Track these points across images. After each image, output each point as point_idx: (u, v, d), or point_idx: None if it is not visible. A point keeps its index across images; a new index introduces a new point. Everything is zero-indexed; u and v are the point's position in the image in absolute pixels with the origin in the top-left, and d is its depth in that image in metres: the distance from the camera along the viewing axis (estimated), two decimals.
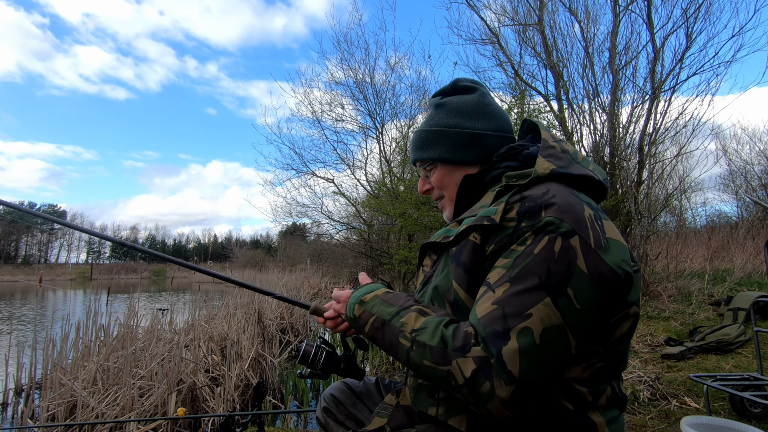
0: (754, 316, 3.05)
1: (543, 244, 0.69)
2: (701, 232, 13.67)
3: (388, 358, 5.55)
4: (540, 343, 0.65)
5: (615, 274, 0.70)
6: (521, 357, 0.64)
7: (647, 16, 7.27)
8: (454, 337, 0.71)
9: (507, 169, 0.91)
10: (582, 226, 0.70)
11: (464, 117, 0.99)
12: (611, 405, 0.75)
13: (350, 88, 13.87)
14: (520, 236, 0.72)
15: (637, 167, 7.32)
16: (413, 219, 9.13)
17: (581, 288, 0.67)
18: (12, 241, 74.90)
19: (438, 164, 1.01)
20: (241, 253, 55.35)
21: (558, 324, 0.66)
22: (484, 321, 0.69)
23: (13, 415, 4.25)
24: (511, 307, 0.67)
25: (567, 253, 0.68)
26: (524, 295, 0.67)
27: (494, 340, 0.66)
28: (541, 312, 0.66)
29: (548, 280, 0.67)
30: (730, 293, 5.80)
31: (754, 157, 14.36)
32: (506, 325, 0.66)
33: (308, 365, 1.10)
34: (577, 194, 0.77)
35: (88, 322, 4.80)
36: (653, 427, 2.61)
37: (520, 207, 0.75)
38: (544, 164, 0.81)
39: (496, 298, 0.69)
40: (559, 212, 0.71)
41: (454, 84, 1.04)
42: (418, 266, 1.00)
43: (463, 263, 0.80)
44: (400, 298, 0.86)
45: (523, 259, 0.70)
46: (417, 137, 1.03)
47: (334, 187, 14.75)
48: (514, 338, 0.65)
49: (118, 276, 53.46)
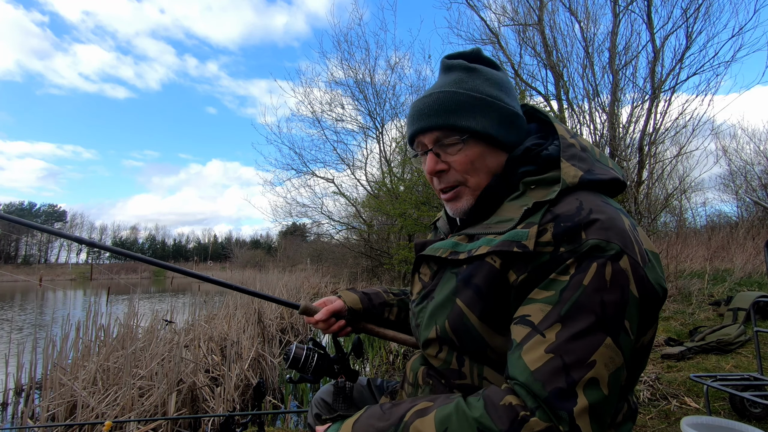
0: (754, 316, 3.05)
1: (592, 272, 0.60)
2: (701, 232, 13.65)
3: (388, 358, 5.54)
4: (608, 393, 0.57)
5: (656, 293, 0.64)
6: (592, 415, 0.56)
7: (647, 16, 7.28)
8: (493, 417, 0.58)
9: (524, 174, 0.78)
10: (628, 243, 0.62)
11: (504, 92, 0.82)
12: (626, 420, 0.72)
13: (350, 88, 13.94)
14: (560, 264, 0.63)
15: (637, 167, 7.32)
16: (413, 219, 9.13)
17: (633, 316, 0.61)
18: (12, 241, 74.88)
19: (470, 141, 0.79)
20: (241, 253, 55.28)
21: (620, 365, 0.59)
22: (542, 375, 0.58)
23: (13, 415, 4.24)
24: (571, 356, 0.57)
25: (620, 278, 0.60)
26: (583, 339, 0.58)
27: (560, 402, 0.56)
28: (605, 357, 0.58)
29: (605, 316, 0.59)
30: (730, 293, 5.79)
31: (754, 157, 14.39)
32: (570, 378, 0.56)
33: (299, 369, 1.04)
34: (609, 202, 0.70)
35: (88, 322, 4.80)
36: (653, 427, 2.61)
37: (554, 228, 0.65)
38: (570, 171, 0.71)
39: (549, 345, 0.59)
40: (602, 231, 0.62)
41: (478, 53, 0.86)
42: (413, 272, 0.90)
43: (476, 286, 0.71)
44: (375, 415, 0.70)
45: (571, 293, 0.60)
46: (447, 99, 0.79)
47: (334, 187, 14.79)
48: (582, 395, 0.56)
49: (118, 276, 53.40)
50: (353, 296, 1.14)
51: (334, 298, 1.13)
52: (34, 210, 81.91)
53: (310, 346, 1.07)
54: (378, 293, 1.18)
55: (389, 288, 1.23)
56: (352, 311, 1.11)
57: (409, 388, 0.87)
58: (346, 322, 1.11)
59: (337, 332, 1.10)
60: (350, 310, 1.11)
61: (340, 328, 1.10)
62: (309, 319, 1.08)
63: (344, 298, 1.13)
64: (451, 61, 0.86)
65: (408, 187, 10.65)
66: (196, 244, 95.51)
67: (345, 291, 1.17)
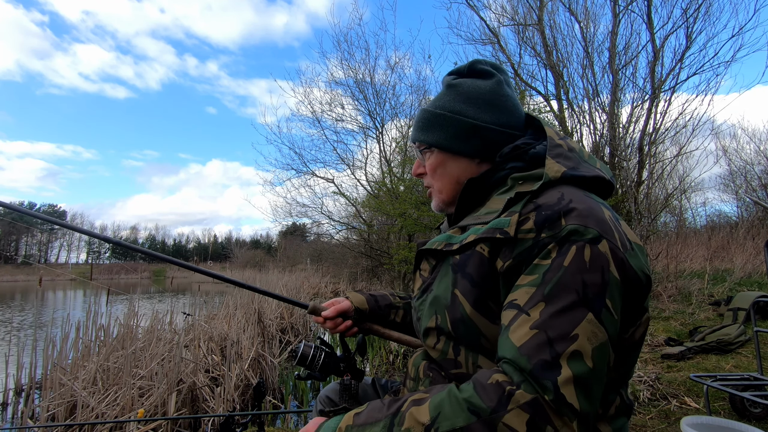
0: (754, 316, 3.05)
1: (572, 254, 0.64)
2: (701, 232, 13.67)
3: (388, 358, 5.55)
4: (592, 366, 0.59)
5: (638, 279, 0.67)
6: (577, 386, 0.58)
7: (647, 16, 7.29)
8: (482, 396, 0.61)
9: (512, 170, 0.84)
10: (607, 229, 0.66)
11: (472, 105, 0.90)
12: (619, 414, 0.73)
13: (350, 88, 13.92)
14: (542, 249, 0.66)
15: (637, 167, 7.33)
16: (413, 219, 9.13)
17: (616, 297, 0.64)
18: (12, 241, 74.92)
19: (434, 149, 0.93)
20: (241, 253, 55.35)
21: (604, 341, 0.61)
22: (527, 350, 0.61)
23: (13, 415, 4.25)
24: (554, 330, 0.60)
25: (599, 260, 0.63)
26: (566, 314, 0.61)
27: (545, 372, 0.58)
28: (587, 331, 0.60)
29: (586, 294, 0.62)
30: (730, 293, 5.80)
31: (754, 157, 14.39)
32: (554, 351, 0.59)
33: (306, 366, 1.08)
34: (592, 196, 0.74)
35: (88, 322, 4.80)
36: (653, 427, 2.61)
37: (536, 216, 0.69)
38: (554, 166, 0.76)
39: (534, 322, 0.62)
40: (580, 218, 0.66)
41: (472, 65, 0.94)
42: (414, 269, 0.95)
43: (470, 275, 0.75)
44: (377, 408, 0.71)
45: (553, 274, 0.64)
46: (420, 116, 0.96)
47: (334, 187, 14.79)
48: (566, 365, 0.58)
49: (118, 276, 53.45)
50: (360, 297, 1.18)
51: (342, 299, 1.16)
52: (34, 210, 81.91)
53: (318, 345, 1.10)
54: (385, 296, 1.22)
55: (396, 291, 1.27)
56: (359, 311, 1.15)
57: (410, 383, 0.89)
58: (353, 323, 1.15)
59: (343, 332, 1.14)
60: (357, 311, 1.15)
61: (346, 328, 1.14)
62: (317, 318, 1.12)
63: (351, 299, 1.16)
64: (445, 77, 0.98)
65: (408, 187, 10.65)
66: (196, 244, 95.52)
67: (352, 292, 1.20)
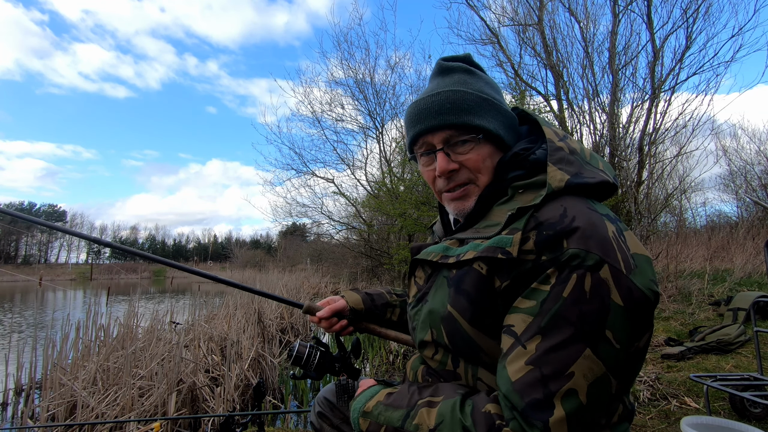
0: (754, 316, 3.05)
1: (572, 284, 0.61)
2: (701, 232, 13.66)
3: (388, 358, 5.55)
4: (587, 403, 0.58)
5: (646, 298, 0.63)
6: (570, 424, 0.57)
7: (647, 16, 7.29)
8: (475, 422, 0.63)
9: (513, 179, 0.78)
10: (609, 251, 0.62)
11: (501, 95, 0.84)
12: (622, 420, 0.71)
13: (350, 88, 13.95)
14: (541, 273, 0.64)
15: (637, 167, 7.33)
16: (413, 219, 9.14)
17: (617, 325, 0.61)
18: (12, 241, 74.91)
19: (483, 140, 0.80)
20: (241, 253, 55.37)
21: (601, 375, 0.60)
22: (520, 386, 0.60)
23: (13, 415, 4.24)
24: (549, 367, 0.59)
25: (599, 288, 0.60)
26: (562, 350, 0.59)
27: (536, 413, 0.58)
28: (583, 367, 0.59)
29: (584, 327, 0.59)
30: (730, 293, 5.79)
31: (754, 157, 14.39)
32: (547, 390, 0.58)
33: (302, 366, 1.07)
34: (595, 206, 0.69)
35: (88, 322, 4.80)
36: (653, 427, 2.61)
37: (537, 236, 0.66)
38: (557, 175, 0.71)
39: (530, 357, 0.61)
40: (582, 239, 0.62)
41: (471, 57, 0.87)
42: (409, 276, 0.92)
43: (466, 292, 0.72)
44: (404, 395, 0.77)
45: (551, 304, 0.62)
46: (459, 97, 0.78)
47: (334, 187, 14.80)
48: (559, 405, 0.58)
49: (118, 276, 53.44)
50: (356, 296, 1.16)
51: (337, 298, 1.15)
52: (34, 210, 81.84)
53: (313, 344, 1.10)
54: (381, 294, 1.20)
55: (393, 289, 1.25)
56: (354, 311, 1.14)
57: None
58: (348, 322, 1.14)
59: (339, 331, 1.13)
60: (352, 310, 1.14)
61: (342, 328, 1.13)
62: (312, 318, 1.11)
63: (347, 298, 1.15)
64: (451, 63, 0.84)
65: (408, 187, 10.66)
66: (196, 244, 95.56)
67: (348, 291, 1.19)
